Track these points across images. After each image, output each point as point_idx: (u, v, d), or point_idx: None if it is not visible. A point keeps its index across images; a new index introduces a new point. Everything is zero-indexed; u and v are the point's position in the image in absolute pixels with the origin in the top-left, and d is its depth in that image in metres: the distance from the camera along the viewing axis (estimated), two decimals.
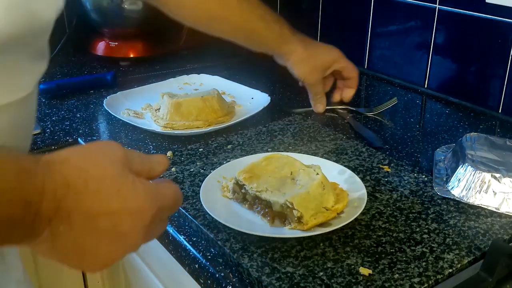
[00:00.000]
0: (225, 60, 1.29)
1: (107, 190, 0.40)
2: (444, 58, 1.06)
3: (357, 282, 0.54)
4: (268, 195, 0.64)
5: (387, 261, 0.57)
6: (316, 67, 1.00)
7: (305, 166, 0.68)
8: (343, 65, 1.02)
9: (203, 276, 0.60)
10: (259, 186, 0.65)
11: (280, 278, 0.55)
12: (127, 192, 0.41)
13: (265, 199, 0.64)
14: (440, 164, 0.78)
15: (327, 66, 1.01)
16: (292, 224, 0.61)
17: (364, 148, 0.83)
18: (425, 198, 0.70)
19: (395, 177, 0.75)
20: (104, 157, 0.42)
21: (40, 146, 0.87)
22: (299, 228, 0.61)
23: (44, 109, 1.00)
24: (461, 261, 0.58)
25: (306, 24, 1.35)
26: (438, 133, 0.92)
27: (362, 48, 1.21)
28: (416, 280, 0.55)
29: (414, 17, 1.10)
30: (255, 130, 0.90)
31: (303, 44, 0.98)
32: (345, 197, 0.66)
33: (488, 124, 0.96)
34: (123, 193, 0.41)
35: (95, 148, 0.44)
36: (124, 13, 1.23)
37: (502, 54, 0.95)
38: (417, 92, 1.11)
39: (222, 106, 0.94)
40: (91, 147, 0.45)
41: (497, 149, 0.75)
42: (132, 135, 0.90)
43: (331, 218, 0.63)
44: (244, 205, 0.66)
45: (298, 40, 0.98)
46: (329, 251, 0.59)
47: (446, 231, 0.63)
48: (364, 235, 0.62)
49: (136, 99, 1.00)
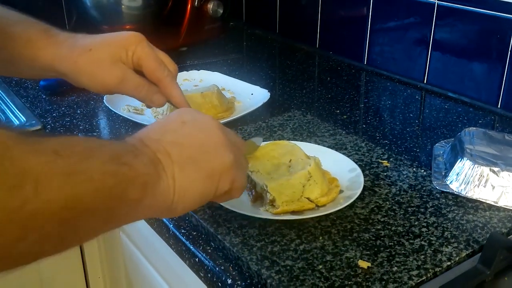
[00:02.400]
0: (225, 56, 1.30)
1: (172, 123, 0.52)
2: (443, 53, 1.06)
3: (355, 275, 0.55)
4: (257, 176, 0.66)
5: (385, 254, 0.58)
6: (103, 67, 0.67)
7: (305, 156, 0.69)
8: (140, 55, 0.67)
9: (203, 269, 0.61)
10: (253, 167, 0.67)
11: (280, 271, 0.55)
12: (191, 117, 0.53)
13: (253, 179, 0.66)
14: (439, 158, 0.78)
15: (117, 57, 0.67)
16: (266, 206, 0.64)
17: (364, 143, 0.84)
18: (424, 192, 0.70)
19: (394, 171, 0.75)
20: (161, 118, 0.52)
21: None
22: (271, 211, 0.64)
23: (44, 105, 1.00)
24: (459, 254, 0.58)
25: (305, 20, 1.36)
26: (437, 128, 0.92)
27: (362, 44, 1.22)
28: (415, 273, 0.55)
29: (413, 12, 1.10)
30: (254, 126, 0.90)
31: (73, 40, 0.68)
32: (335, 193, 0.67)
33: (487, 119, 0.97)
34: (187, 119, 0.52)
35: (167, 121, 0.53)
36: (123, 10, 1.23)
37: (501, 49, 0.96)
38: (417, 87, 1.11)
39: (221, 102, 0.94)
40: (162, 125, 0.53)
41: (496, 143, 0.75)
42: (133, 131, 0.89)
43: (307, 209, 0.64)
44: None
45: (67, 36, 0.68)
46: (328, 244, 0.60)
47: (445, 225, 0.63)
48: (363, 228, 0.62)
49: None
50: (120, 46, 0.66)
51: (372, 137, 0.88)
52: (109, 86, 0.67)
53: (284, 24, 1.44)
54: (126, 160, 0.43)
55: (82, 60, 0.65)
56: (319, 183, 0.66)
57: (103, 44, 0.67)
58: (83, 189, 0.37)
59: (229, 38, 1.44)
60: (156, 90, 0.69)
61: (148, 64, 0.67)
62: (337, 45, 1.29)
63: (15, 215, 0.33)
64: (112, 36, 0.67)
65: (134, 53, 0.66)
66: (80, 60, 0.65)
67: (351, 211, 0.66)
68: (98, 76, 0.66)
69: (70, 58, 0.66)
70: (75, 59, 0.65)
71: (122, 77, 0.66)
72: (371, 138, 0.87)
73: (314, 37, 1.34)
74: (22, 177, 0.33)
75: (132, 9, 1.24)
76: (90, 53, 0.65)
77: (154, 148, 0.47)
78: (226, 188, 0.51)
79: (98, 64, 0.66)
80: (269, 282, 0.54)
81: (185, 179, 0.47)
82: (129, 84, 0.67)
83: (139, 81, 0.68)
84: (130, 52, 0.66)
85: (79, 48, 0.66)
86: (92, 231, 0.42)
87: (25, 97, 1.04)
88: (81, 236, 0.40)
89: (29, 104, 1.01)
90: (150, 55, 0.67)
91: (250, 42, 1.49)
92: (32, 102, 1.02)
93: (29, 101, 1.02)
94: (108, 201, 0.40)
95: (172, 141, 0.48)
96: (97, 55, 0.65)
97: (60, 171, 0.36)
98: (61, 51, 0.66)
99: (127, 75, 0.67)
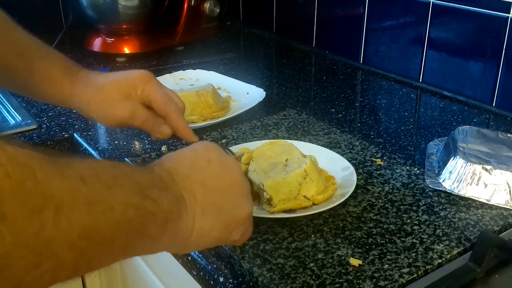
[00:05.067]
0: (221, 55, 1.30)
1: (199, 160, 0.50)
2: (439, 52, 1.06)
3: (347, 273, 0.55)
4: (253, 175, 0.66)
5: (377, 252, 0.58)
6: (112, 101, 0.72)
7: (301, 155, 0.69)
8: (149, 92, 0.71)
9: (195, 268, 0.61)
10: (250, 166, 0.68)
11: (271, 269, 0.56)
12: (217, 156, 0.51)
13: (249, 178, 0.66)
14: (433, 157, 0.79)
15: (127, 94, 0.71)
16: (263, 205, 0.65)
17: (358, 141, 0.84)
18: (417, 190, 0.70)
19: (387, 170, 0.75)
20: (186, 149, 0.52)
21: (36, 142, 0.87)
22: (268, 210, 0.64)
23: (40, 104, 1.01)
24: (450, 251, 0.58)
25: (302, 19, 1.36)
26: (432, 127, 0.92)
27: (358, 43, 1.22)
28: (406, 271, 0.55)
29: (408, 11, 1.10)
30: (249, 125, 0.90)
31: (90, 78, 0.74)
32: (331, 191, 0.67)
33: (482, 117, 0.97)
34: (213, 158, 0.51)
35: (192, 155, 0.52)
36: (119, 9, 1.23)
37: (496, 47, 0.96)
38: (412, 86, 1.11)
39: (217, 101, 0.94)
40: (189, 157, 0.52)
41: (489, 141, 0.75)
42: (128, 130, 0.90)
43: (304, 207, 0.65)
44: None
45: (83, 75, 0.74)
46: (320, 242, 0.60)
47: (437, 223, 0.63)
48: (355, 226, 0.63)
49: None
50: (130, 85, 0.71)
51: (366, 136, 0.88)
52: (120, 121, 0.72)
53: (281, 23, 1.44)
54: (152, 194, 0.41)
55: (94, 100, 0.72)
56: (315, 181, 0.66)
57: (114, 84, 0.72)
58: (103, 219, 0.36)
59: (226, 37, 1.44)
60: (163, 122, 0.73)
61: (157, 99, 0.72)
62: (333, 44, 1.29)
63: (32, 240, 0.31)
64: (122, 75, 0.73)
65: (143, 91, 0.71)
66: (92, 100, 0.72)
67: (343, 209, 0.66)
68: (108, 112, 0.72)
69: (84, 98, 0.72)
70: (88, 99, 0.72)
71: (132, 112, 0.71)
72: (365, 136, 0.88)
73: (311, 36, 1.34)
74: (43, 201, 0.32)
75: (128, 9, 1.24)
76: (101, 93, 0.71)
77: (181, 184, 0.46)
78: (236, 238, 0.51)
79: (108, 103, 0.71)
80: (260, 280, 0.54)
81: (205, 224, 0.47)
82: (138, 118, 0.72)
83: (148, 115, 0.72)
84: (139, 90, 0.71)
85: (92, 88, 0.72)
86: (106, 261, 0.40)
87: (21, 97, 1.04)
88: (95, 265, 0.39)
89: (25, 103, 1.01)
90: (158, 92, 0.72)
91: (246, 41, 1.50)
92: (28, 101, 1.02)
93: (25, 101, 1.02)
94: (126, 234, 0.39)
95: (199, 181, 0.48)
96: (108, 95, 0.71)
97: (83, 200, 0.35)
98: (76, 89, 0.72)
99: (137, 110, 0.72)
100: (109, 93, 0.71)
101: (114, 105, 0.71)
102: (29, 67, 0.71)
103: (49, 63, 0.72)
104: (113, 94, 0.71)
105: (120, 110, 0.71)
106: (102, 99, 0.71)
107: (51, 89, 0.72)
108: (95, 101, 0.71)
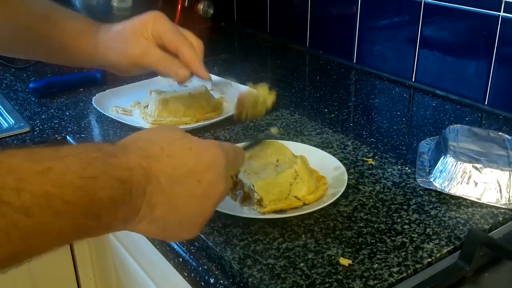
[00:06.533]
0: (215, 56, 1.30)
1: (180, 150, 0.46)
2: (431, 51, 1.06)
3: (336, 272, 0.55)
4: (244, 176, 0.66)
5: (367, 252, 0.58)
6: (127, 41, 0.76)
7: (292, 156, 0.70)
8: (158, 28, 0.74)
9: (187, 269, 0.61)
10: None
11: (262, 270, 0.56)
12: (198, 148, 0.47)
13: (240, 179, 0.66)
14: (424, 156, 0.79)
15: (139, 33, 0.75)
16: (254, 206, 0.65)
17: (350, 141, 0.84)
18: (408, 189, 0.71)
19: (378, 169, 0.76)
20: (165, 129, 0.50)
21: (29, 145, 0.87)
22: (258, 210, 0.64)
23: (34, 107, 1.01)
24: (440, 250, 0.59)
25: (296, 19, 1.36)
26: (424, 126, 0.92)
27: (351, 43, 1.22)
28: (395, 270, 0.55)
29: (401, 11, 1.11)
30: (242, 126, 0.90)
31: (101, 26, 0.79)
32: (322, 191, 0.67)
33: (474, 116, 0.97)
34: (194, 149, 0.47)
35: (155, 128, 0.52)
36: (113, 11, 1.23)
37: (487, 46, 0.96)
38: (405, 85, 1.11)
39: (209, 102, 0.95)
40: (151, 129, 0.52)
41: (480, 140, 0.76)
42: (121, 132, 0.90)
43: (294, 207, 0.65)
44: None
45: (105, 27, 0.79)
46: (311, 242, 0.60)
47: (427, 222, 0.64)
48: (345, 226, 0.63)
49: (125, 97, 1.00)
50: (140, 23, 0.75)
51: (359, 135, 0.88)
52: (134, 59, 0.75)
53: (275, 23, 1.44)
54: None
55: (111, 41, 0.76)
56: (306, 181, 0.66)
57: (128, 24, 0.76)
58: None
59: (220, 38, 1.45)
60: (180, 64, 0.75)
61: (167, 36, 0.74)
62: (327, 44, 1.29)
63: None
64: (136, 17, 0.77)
65: (154, 28, 0.74)
66: (110, 41, 0.76)
67: (334, 209, 0.66)
68: (123, 51, 0.75)
69: (103, 42, 0.76)
70: (106, 42, 0.76)
71: (144, 50, 0.74)
72: (357, 136, 0.88)
73: (304, 36, 1.34)
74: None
75: (122, 10, 1.24)
76: (117, 33, 0.76)
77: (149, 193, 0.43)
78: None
79: (122, 39, 0.75)
80: (250, 281, 0.54)
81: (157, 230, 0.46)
82: (151, 57, 0.74)
83: (162, 54, 0.75)
84: (150, 27, 0.74)
85: (111, 32, 0.77)
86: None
87: (14, 100, 1.04)
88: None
89: (18, 106, 1.01)
90: (168, 29, 0.74)
91: (241, 41, 1.50)
92: (21, 104, 1.02)
93: (19, 104, 1.02)
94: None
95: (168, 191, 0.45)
96: (122, 33, 0.75)
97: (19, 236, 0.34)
98: (100, 37, 0.77)
99: (149, 49, 0.74)
100: (123, 33, 0.75)
101: (128, 44, 0.75)
102: (56, 28, 0.76)
103: (73, 22, 0.78)
104: (126, 34, 0.75)
105: (133, 48, 0.75)
106: (117, 40, 0.76)
107: (80, 43, 0.77)
108: (112, 43, 0.76)
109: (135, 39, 0.75)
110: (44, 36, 0.76)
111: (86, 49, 0.77)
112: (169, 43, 0.74)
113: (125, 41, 0.75)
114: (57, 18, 0.77)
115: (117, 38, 0.76)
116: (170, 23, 0.75)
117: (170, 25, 0.75)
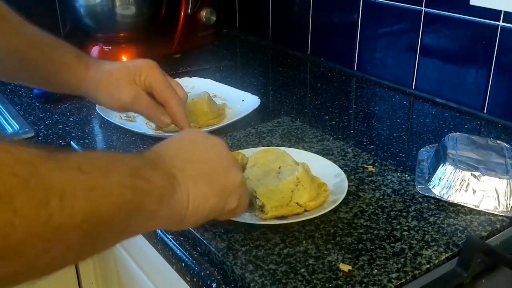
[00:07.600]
0: (217, 63, 1.31)
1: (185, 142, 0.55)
2: (431, 59, 1.08)
3: (336, 278, 0.56)
4: (247, 183, 0.67)
5: (366, 258, 0.59)
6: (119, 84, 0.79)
7: (294, 163, 0.71)
8: (151, 78, 0.78)
9: (189, 274, 0.62)
10: (244, 173, 0.68)
11: (263, 275, 0.57)
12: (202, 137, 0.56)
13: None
14: (423, 163, 0.80)
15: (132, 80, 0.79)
16: (256, 212, 0.66)
17: (350, 148, 0.85)
18: (407, 196, 0.72)
19: (378, 176, 0.77)
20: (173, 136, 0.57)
21: None
22: (260, 216, 0.65)
23: (38, 113, 1.02)
24: (438, 257, 0.60)
25: (297, 27, 1.38)
26: (423, 133, 0.94)
27: (352, 51, 1.23)
28: (394, 276, 0.57)
29: (401, 20, 1.12)
30: (244, 132, 0.92)
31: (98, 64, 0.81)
32: (323, 197, 0.68)
33: (473, 124, 0.98)
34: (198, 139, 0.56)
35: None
36: (117, 18, 1.25)
37: (487, 55, 0.97)
38: (405, 93, 1.12)
39: (212, 108, 0.96)
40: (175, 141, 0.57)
41: (479, 148, 0.77)
42: (124, 138, 0.91)
43: (296, 213, 0.66)
44: None
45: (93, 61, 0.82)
46: (311, 248, 0.61)
47: (426, 228, 0.65)
48: (346, 232, 0.64)
49: None
50: (135, 70, 0.78)
51: (359, 143, 0.89)
52: (124, 103, 0.79)
53: (277, 31, 1.45)
54: (144, 173, 0.45)
55: (104, 81, 0.78)
56: (308, 188, 0.67)
57: (121, 68, 0.79)
58: (103, 203, 0.39)
59: (222, 45, 1.46)
60: (164, 111, 0.80)
61: (157, 86, 0.78)
62: (328, 51, 1.31)
63: (41, 230, 0.34)
64: (129, 62, 0.80)
65: (146, 77, 0.78)
66: (101, 81, 0.78)
67: (335, 215, 0.67)
68: (115, 94, 0.78)
69: (94, 81, 0.78)
70: (98, 81, 0.78)
71: (135, 96, 0.78)
72: (358, 143, 0.89)
73: (306, 43, 1.35)
74: (48, 193, 0.35)
75: (125, 17, 1.26)
76: (110, 76, 0.78)
77: (170, 163, 0.50)
78: (233, 206, 0.55)
79: (116, 84, 0.78)
80: (252, 286, 0.55)
81: (198, 193, 0.50)
82: (141, 103, 0.79)
83: (150, 101, 0.79)
84: (143, 76, 0.78)
85: (102, 72, 0.79)
86: (110, 240, 0.44)
87: (19, 105, 1.05)
88: (100, 246, 0.43)
89: (23, 112, 1.02)
90: (159, 79, 0.79)
91: (243, 48, 1.51)
92: (25, 110, 1.03)
93: (23, 109, 1.04)
94: (125, 213, 0.42)
95: (186, 158, 0.52)
96: (116, 77, 0.78)
97: (83, 187, 0.38)
98: (88, 73, 0.79)
99: (139, 95, 0.78)
100: (117, 76, 0.78)
101: (120, 88, 0.78)
102: (45, 57, 0.77)
103: (63, 52, 0.79)
104: (120, 78, 0.78)
105: (124, 94, 0.78)
106: (110, 82, 0.78)
107: (67, 75, 0.79)
108: (104, 84, 0.78)
109: (128, 85, 0.78)
110: (31, 63, 0.78)
111: (71, 80, 0.79)
112: (159, 95, 0.79)
113: (118, 85, 0.78)
114: (45, 46, 0.78)
115: (110, 80, 0.78)
116: (162, 74, 0.80)
117: (162, 76, 0.79)
